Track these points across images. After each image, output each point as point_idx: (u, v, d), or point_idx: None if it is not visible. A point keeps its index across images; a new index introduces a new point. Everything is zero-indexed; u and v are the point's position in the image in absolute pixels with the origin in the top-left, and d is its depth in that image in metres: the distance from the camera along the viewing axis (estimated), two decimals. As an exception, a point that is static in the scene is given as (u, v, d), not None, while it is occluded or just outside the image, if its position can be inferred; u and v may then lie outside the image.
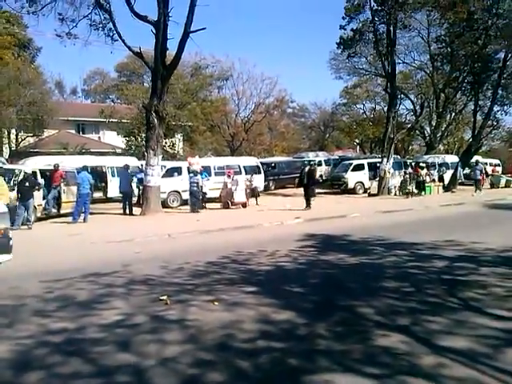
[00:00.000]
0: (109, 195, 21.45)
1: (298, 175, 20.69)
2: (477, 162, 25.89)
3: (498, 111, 28.90)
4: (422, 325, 5.01)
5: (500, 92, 27.95)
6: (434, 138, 35.10)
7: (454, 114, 36.87)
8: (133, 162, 22.68)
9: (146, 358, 4.24)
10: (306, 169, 19.12)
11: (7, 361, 4.27)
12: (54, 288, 6.80)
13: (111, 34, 18.37)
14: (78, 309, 5.78)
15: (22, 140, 32.61)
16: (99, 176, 21.15)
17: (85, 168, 16.25)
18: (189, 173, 19.39)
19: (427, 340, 4.59)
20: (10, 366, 4.17)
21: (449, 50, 27.82)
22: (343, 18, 25.17)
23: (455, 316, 5.25)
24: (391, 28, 23.94)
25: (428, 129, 38.64)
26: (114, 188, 21.05)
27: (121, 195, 18.83)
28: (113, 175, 21.94)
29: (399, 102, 37.01)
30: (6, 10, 25.97)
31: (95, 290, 6.72)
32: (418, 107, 40.16)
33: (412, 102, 40.16)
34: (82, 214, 15.25)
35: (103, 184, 21.66)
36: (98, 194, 20.38)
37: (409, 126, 37.64)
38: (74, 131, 39.79)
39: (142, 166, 20.81)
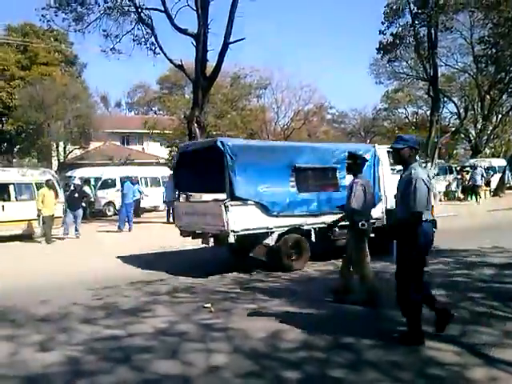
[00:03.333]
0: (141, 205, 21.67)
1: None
2: (476, 167, 24.73)
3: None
4: (472, 335, 4.84)
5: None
6: (479, 142, 34.03)
7: (500, 116, 35.72)
8: (164, 171, 23.15)
9: (192, 367, 4.28)
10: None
11: (59, 367, 4.40)
12: (102, 295, 7.00)
13: (153, 48, 18.94)
14: (125, 316, 5.92)
15: (70, 152, 33.82)
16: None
17: (128, 179, 16.73)
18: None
19: (478, 351, 4.42)
20: (61, 373, 4.30)
21: (493, 50, 26.91)
22: (382, 22, 24.87)
23: (506, 326, 5.04)
24: (432, 31, 23.45)
25: (473, 132, 37.49)
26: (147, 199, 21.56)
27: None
28: (146, 185, 22.45)
29: (442, 106, 36.11)
30: (54, 29, 27.10)
31: (141, 297, 6.88)
32: (462, 110, 39.05)
33: (456, 105, 39.03)
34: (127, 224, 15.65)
35: None
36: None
37: (453, 129, 36.62)
38: (118, 143, 40.98)
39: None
